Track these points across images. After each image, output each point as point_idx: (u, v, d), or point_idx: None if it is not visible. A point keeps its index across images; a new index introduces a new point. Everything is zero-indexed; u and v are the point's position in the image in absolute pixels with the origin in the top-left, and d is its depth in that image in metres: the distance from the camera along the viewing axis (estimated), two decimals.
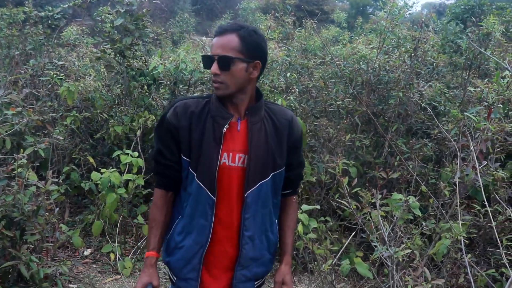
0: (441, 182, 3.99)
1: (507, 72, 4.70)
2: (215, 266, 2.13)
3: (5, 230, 3.66)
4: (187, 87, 5.78)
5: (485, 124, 3.97)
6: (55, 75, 5.80)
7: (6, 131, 4.23)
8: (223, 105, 2.04)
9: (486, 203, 3.32)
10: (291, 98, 5.31)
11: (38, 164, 5.11)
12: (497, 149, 4.09)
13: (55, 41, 8.24)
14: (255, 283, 2.19)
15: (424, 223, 3.37)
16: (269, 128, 2.05)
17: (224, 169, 2.02)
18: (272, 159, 2.05)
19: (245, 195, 2.03)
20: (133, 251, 4.84)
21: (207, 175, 2.01)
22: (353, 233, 3.92)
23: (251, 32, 1.95)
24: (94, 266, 4.67)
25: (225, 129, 2.00)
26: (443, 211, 3.59)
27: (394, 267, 2.57)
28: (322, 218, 4.40)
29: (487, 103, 4.50)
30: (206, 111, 2.05)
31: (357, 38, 9.03)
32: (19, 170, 3.87)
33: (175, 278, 2.19)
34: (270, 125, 2.06)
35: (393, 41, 5.94)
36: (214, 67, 1.94)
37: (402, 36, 5.85)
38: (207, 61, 1.97)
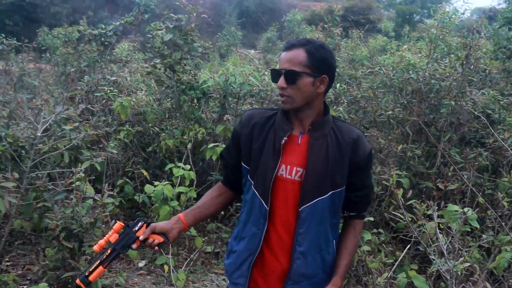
0: (499, 192, 3.86)
1: None
2: (268, 275, 2.12)
3: (65, 242, 3.77)
4: (236, 100, 5.83)
5: None
6: (108, 91, 5.97)
7: (65, 146, 4.36)
8: (288, 118, 2.06)
9: None
10: (340, 109, 5.28)
11: (94, 177, 5.24)
12: None
13: (108, 57, 8.49)
14: None
15: (483, 235, 3.26)
16: (332, 145, 2.02)
17: (281, 181, 2.03)
18: (331, 177, 2.01)
19: (300, 209, 2.01)
20: (186, 262, 4.89)
21: (262, 184, 2.03)
22: (408, 246, 3.83)
23: (319, 47, 1.95)
24: (149, 277, 4.74)
25: (283, 141, 2.00)
26: (502, 223, 3.48)
27: (454, 281, 2.50)
28: (375, 230, 4.33)
29: None
30: (271, 122, 2.08)
31: (404, 46, 8.92)
32: (77, 183, 3.98)
33: (228, 281, 2.24)
34: (333, 142, 2.03)
35: (444, 49, 5.82)
36: (281, 81, 1.96)
37: (453, 44, 5.73)
38: (275, 75, 2.00)
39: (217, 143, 4.87)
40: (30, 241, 5.25)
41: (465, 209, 3.07)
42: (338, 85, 5.93)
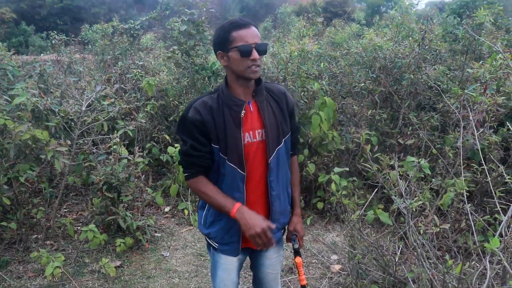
0: (446, 146, 3.84)
1: (500, 55, 4.45)
2: None
3: (107, 193, 3.79)
4: None
5: (481, 98, 3.78)
6: (137, 73, 5.89)
7: (104, 117, 4.34)
8: (232, 93, 1.89)
9: (483, 162, 3.19)
10: (323, 82, 5.21)
11: (127, 142, 5.23)
12: (491, 118, 3.91)
13: (136, 46, 8.36)
14: (282, 231, 2.14)
15: (433, 180, 3.26)
16: (273, 103, 1.95)
17: (249, 146, 1.90)
18: (281, 128, 1.95)
19: (269, 161, 1.92)
20: None
21: (236, 156, 1.86)
22: (376, 190, 3.83)
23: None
24: (173, 219, 4.77)
25: (242, 114, 1.85)
26: (449, 170, 3.47)
27: (410, 216, 2.51)
28: (350, 178, 4.33)
29: (483, 81, 4.29)
30: (221, 103, 1.87)
31: (371, 30, 8.77)
32: (114, 147, 3.97)
33: (217, 245, 2.04)
34: (272, 101, 1.96)
35: (404, 32, 5.72)
36: (256, 54, 1.76)
37: (411, 28, 5.63)
38: (247, 50, 1.76)
39: None
40: (81, 193, 5.28)
41: (420, 160, 3.05)
42: (322, 64, 5.80)
